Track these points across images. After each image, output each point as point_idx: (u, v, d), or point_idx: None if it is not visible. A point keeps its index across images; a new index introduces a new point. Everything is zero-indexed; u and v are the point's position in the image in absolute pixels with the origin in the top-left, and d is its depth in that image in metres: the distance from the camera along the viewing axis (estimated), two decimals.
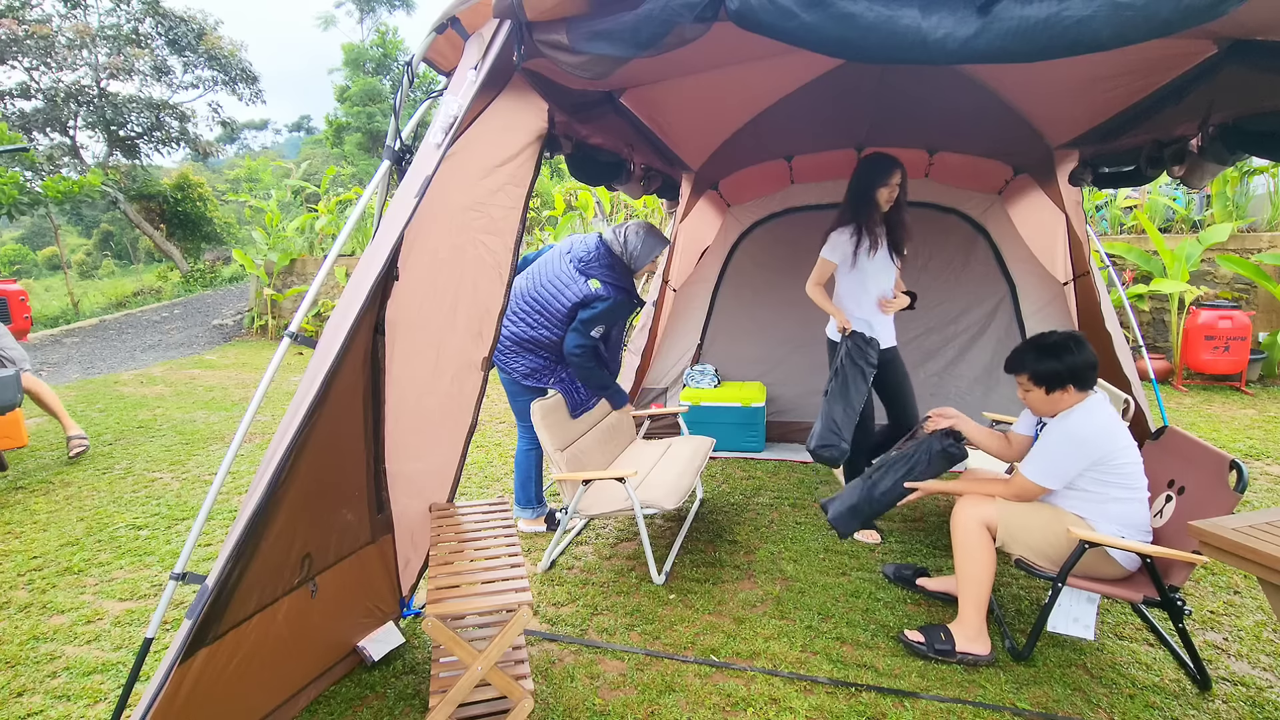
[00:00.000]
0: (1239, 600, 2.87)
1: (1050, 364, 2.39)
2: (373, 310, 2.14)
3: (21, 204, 11.57)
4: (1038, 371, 2.43)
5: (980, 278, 4.83)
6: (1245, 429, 5.31)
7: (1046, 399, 2.44)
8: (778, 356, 5.21)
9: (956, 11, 1.51)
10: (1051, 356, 2.40)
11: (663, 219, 10.07)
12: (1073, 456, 2.36)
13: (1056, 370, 2.38)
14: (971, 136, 4.07)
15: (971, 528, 2.45)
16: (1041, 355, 2.43)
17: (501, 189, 2.39)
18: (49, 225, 18.96)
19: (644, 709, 2.22)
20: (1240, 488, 2.14)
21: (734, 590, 2.99)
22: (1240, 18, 1.61)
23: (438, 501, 2.75)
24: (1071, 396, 2.40)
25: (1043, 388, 2.43)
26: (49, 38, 15.47)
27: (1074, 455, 2.36)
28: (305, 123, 36.16)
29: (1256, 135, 2.46)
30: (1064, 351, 2.39)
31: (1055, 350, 2.41)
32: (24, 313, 7.19)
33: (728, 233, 5.25)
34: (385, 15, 26.31)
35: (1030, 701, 2.24)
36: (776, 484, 4.30)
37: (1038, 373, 2.43)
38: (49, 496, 4.30)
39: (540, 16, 1.84)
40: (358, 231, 11.11)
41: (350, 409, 2.22)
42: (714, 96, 3.43)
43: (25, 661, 2.57)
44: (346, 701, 2.30)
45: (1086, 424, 2.36)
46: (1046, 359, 2.41)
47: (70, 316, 13.39)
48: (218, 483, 1.71)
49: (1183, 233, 7.91)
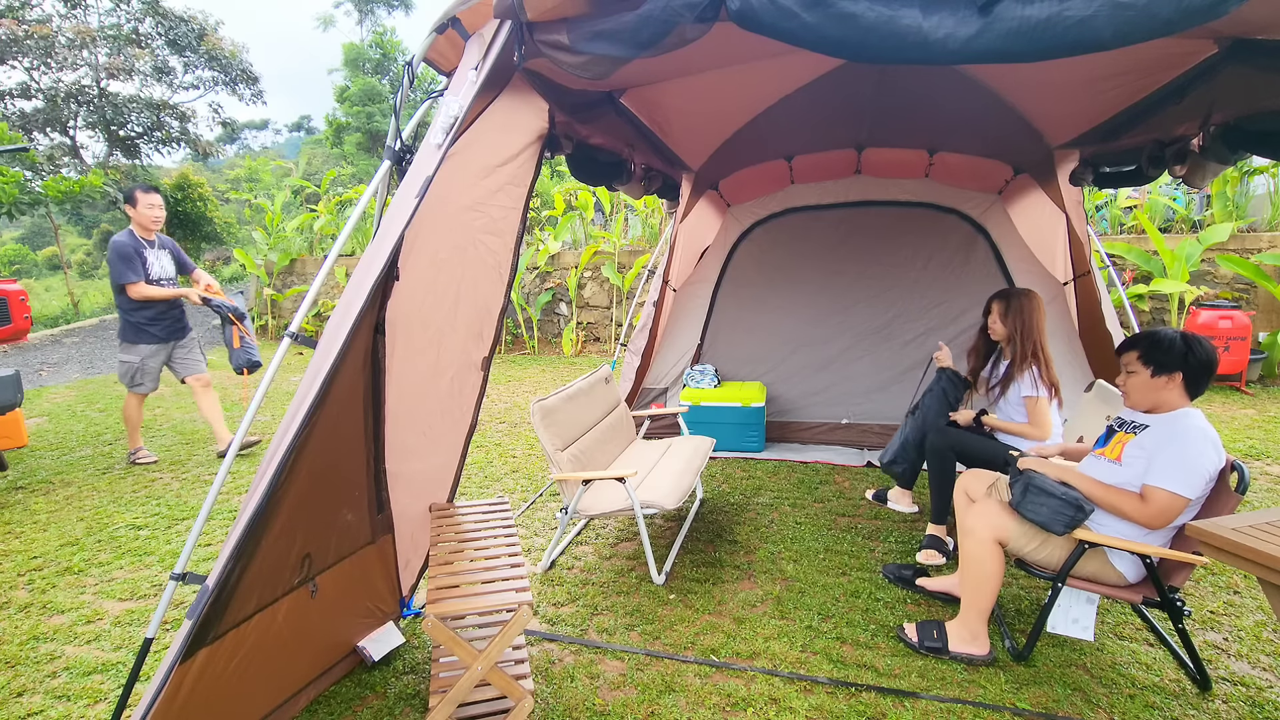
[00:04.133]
0: (1239, 600, 2.87)
1: (1167, 351, 2.27)
2: (373, 310, 2.14)
3: (22, 204, 11.57)
4: (1149, 352, 2.30)
5: (980, 278, 4.83)
6: (1245, 429, 5.31)
7: (1149, 384, 2.30)
8: (778, 356, 5.21)
9: (957, 11, 1.51)
10: (1169, 346, 2.28)
11: (663, 219, 10.08)
12: (1210, 457, 2.14)
13: (1169, 357, 2.26)
14: (971, 136, 4.07)
15: (985, 538, 2.41)
16: (1159, 342, 2.31)
17: (502, 189, 2.39)
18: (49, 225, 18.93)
19: (644, 709, 2.22)
20: (1240, 488, 2.14)
21: (734, 590, 2.99)
22: (1241, 17, 1.61)
23: (438, 501, 2.75)
24: (1177, 394, 2.28)
25: (1150, 369, 2.29)
26: (49, 38, 15.47)
27: (1212, 456, 2.15)
28: (305, 123, 36.15)
29: (1258, 134, 2.46)
30: (1185, 341, 2.28)
31: (1174, 340, 2.29)
32: (24, 313, 7.20)
33: (728, 233, 5.25)
34: (384, 16, 26.33)
35: (1030, 701, 2.24)
36: (776, 484, 4.30)
37: (1150, 354, 2.30)
38: (49, 496, 4.30)
39: (541, 17, 1.84)
40: (358, 231, 11.12)
41: (350, 409, 2.22)
42: (714, 96, 3.43)
43: (25, 661, 2.56)
44: (346, 701, 2.30)
45: (1208, 425, 2.19)
46: (1165, 347, 2.29)
47: (70, 316, 13.38)
48: (218, 483, 1.71)
49: (1183, 233, 7.91)
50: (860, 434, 4.98)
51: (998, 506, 2.50)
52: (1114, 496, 2.27)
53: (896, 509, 3.79)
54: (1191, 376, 2.27)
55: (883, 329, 5.02)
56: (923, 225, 4.91)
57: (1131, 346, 2.37)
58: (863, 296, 5.06)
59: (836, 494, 4.12)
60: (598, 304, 9.99)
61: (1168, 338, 2.30)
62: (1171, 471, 2.16)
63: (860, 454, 4.81)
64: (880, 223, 4.98)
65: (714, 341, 5.34)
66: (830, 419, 5.07)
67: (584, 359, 9.40)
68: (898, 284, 5.00)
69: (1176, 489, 2.14)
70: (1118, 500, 2.26)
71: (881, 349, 5.02)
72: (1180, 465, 2.15)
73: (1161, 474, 2.18)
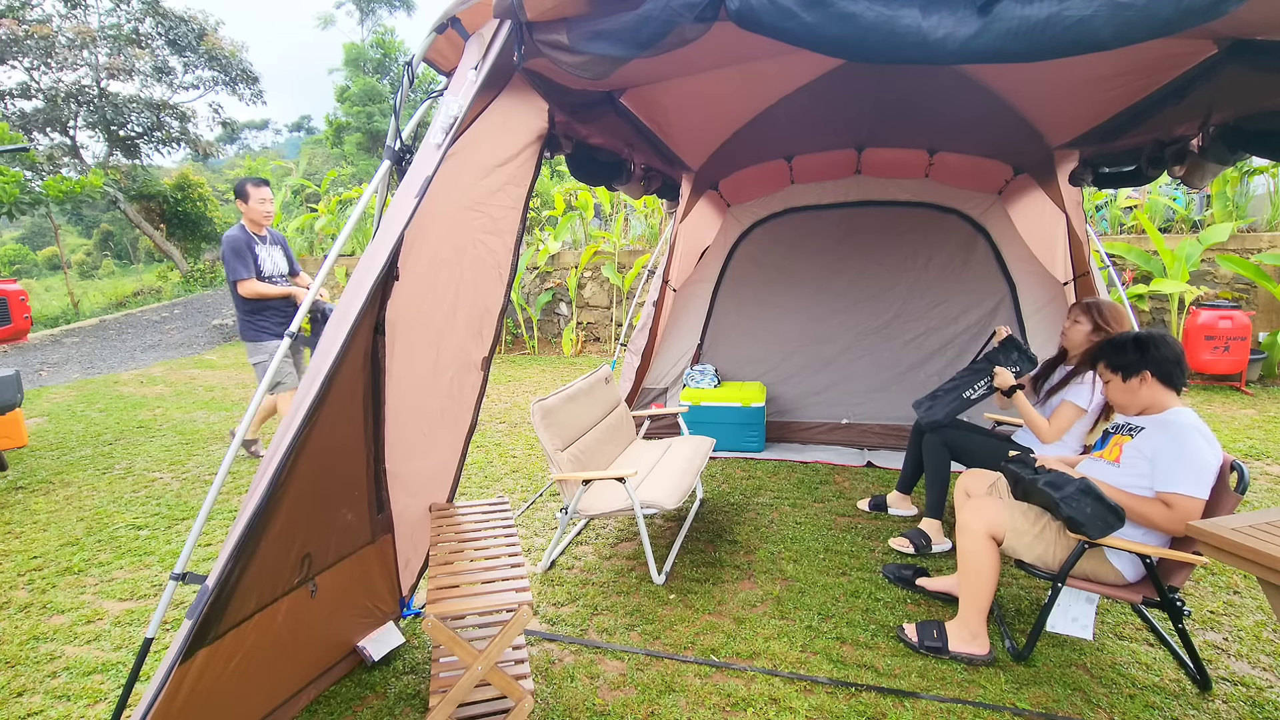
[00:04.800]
0: (1239, 600, 2.87)
1: (1124, 353, 2.35)
2: (373, 310, 2.14)
3: (22, 203, 11.57)
4: (1110, 359, 2.39)
5: (980, 278, 4.83)
6: (1245, 429, 5.31)
7: (1124, 388, 2.37)
8: (778, 356, 5.21)
9: (957, 11, 1.50)
10: (1125, 348, 2.35)
11: (663, 219, 10.08)
12: (1209, 452, 2.18)
13: (1130, 359, 2.33)
14: (971, 136, 4.07)
15: (979, 534, 2.43)
16: (1116, 346, 2.39)
17: (502, 189, 2.39)
18: (49, 225, 18.96)
19: (644, 709, 2.22)
20: (1240, 488, 2.14)
21: (734, 590, 2.99)
22: (1241, 17, 1.61)
23: (438, 501, 2.75)
24: (1158, 391, 2.32)
25: (1118, 374, 2.37)
26: (49, 38, 15.46)
27: (1210, 451, 2.18)
28: (305, 123, 36.15)
29: (1257, 135, 2.46)
30: (1138, 343, 2.34)
31: (1127, 342, 2.36)
32: (24, 313, 7.20)
33: (728, 233, 5.25)
34: (385, 16, 26.32)
35: (1030, 701, 2.24)
36: (776, 484, 4.30)
37: (1111, 360, 2.39)
38: (49, 496, 4.30)
39: (540, 16, 1.84)
40: (358, 231, 11.12)
41: (350, 409, 2.22)
42: (714, 96, 3.43)
43: (25, 661, 2.57)
44: (346, 701, 2.30)
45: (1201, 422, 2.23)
46: (1121, 349, 2.36)
47: (70, 316, 13.38)
48: (218, 483, 1.71)
49: (1183, 233, 7.91)
50: (860, 434, 4.98)
51: (994, 503, 2.51)
52: (1143, 506, 2.23)
53: (897, 514, 3.78)
54: (1162, 373, 2.30)
55: (883, 329, 5.03)
56: (923, 225, 4.91)
57: (1097, 358, 2.44)
58: (863, 296, 5.06)
59: (836, 494, 4.12)
60: (598, 304, 9.99)
61: (1120, 342, 2.36)
62: (1182, 475, 2.17)
63: (860, 454, 4.81)
64: (880, 223, 4.98)
65: (714, 341, 5.34)
66: (830, 419, 5.07)
67: (584, 359, 9.39)
68: (898, 284, 5.00)
69: (1192, 491, 2.15)
70: (1146, 509, 2.22)
71: (882, 349, 5.02)
72: (1190, 468, 2.16)
73: (1174, 479, 2.18)
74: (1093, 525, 2.20)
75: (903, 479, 3.79)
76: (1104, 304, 3.17)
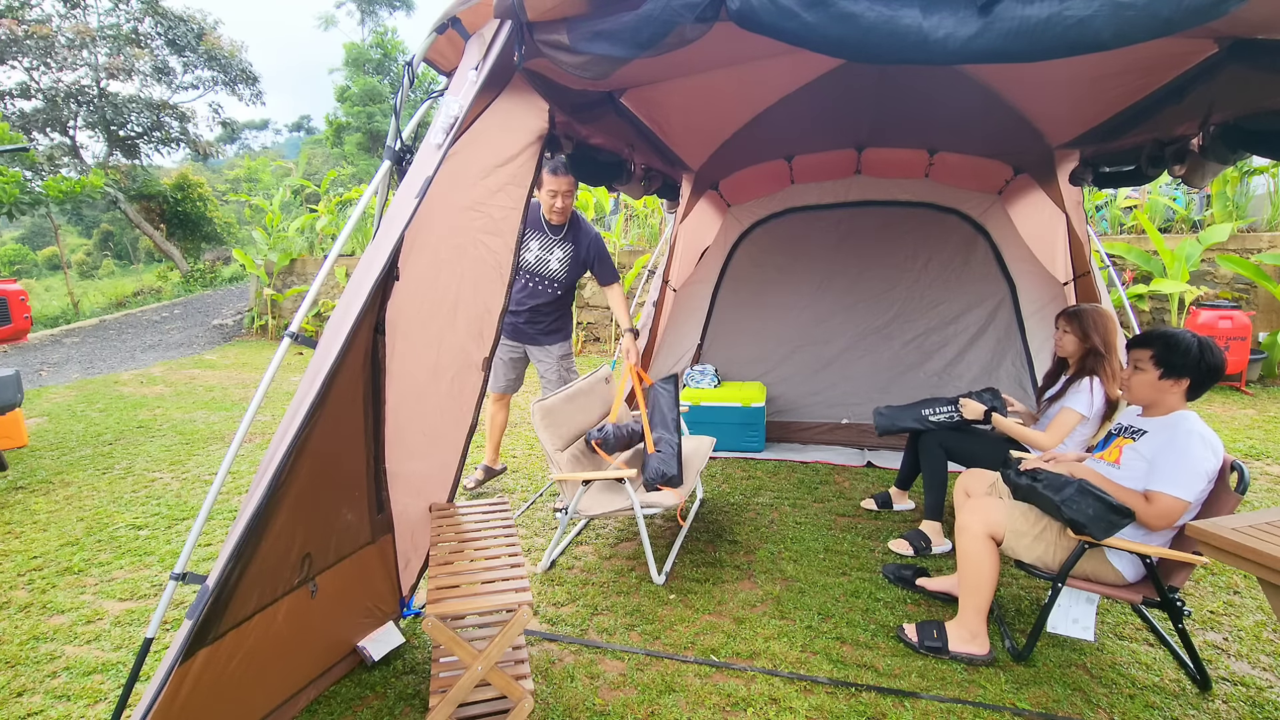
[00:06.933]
0: (1239, 600, 2.87)
1: (1182, 355, 2.27)
2: (373, 310, 2.14)
3: (22, 203, 11.58)
4: (1164, 354, 2.29)
5: (980, 278, 4.83)
6: (1245, 429, 5.31)
7: (1154, 384, 2.31)
8: (778, 356, 5.21)
9: (957, 11, 1.50)
10: (1185, 351, 2.27)
11: (663, 219, 10.08)
12: (1208, 459, 2.16)
13: (1184, 362, 2.26)
14: (971, 136, 4.07)
15: (978, 534, 2.43)
16: (1172, 345, 2.30)
17: (502, 189, 2.39)
18: (49, 225, 18.95)
19: (644, 709, 2.22)
20: (1240, 488, 2.14)
21: (734, 590, 2.99)
22: (1241, 17, 1.61)
23: (438, 501, 2.75)
24: (1178, 396, 2.30)
25: (1160, 370, 2.29)
26: (49, 38, 15.47)
27: (1210, 458, 2.16)
28: (305, 123, 36.20)
29: (1258, 134, 2.46)
30: (1200, 348, 2.27)
31: (1190, 346, 2.27)
32: (24, 313, 7.20)
33: (728, 233, 5.25)
34: (385, 16, 26.33)
35: (1030, 701, 2.23)
36: (776, 484, 4.30)
37: (1164, 356, 2.29)
38: (49, 496, 4.30)
39: (541, 17, 1.84)
40: (358, 231, 11.11)
41: (350, 409, 2.22)
42: (714, 96, 3.43)
43: (25, 661, 2.56)
44: (346, 701, 2.30)
45: (1205, 428, 2.20)
46: (1180, 350, 2.28)
47: (70, 316, 13.39)
48: (218, 483, 1.71)
49: (1183, 233, 7.91)
50: (860, 434, 4.98)
51: (994, 503, 2.50)
52: (1124, 496, 2.26)
53: (899, 508, 3.82)
54: (1199, 382, 2.28)
55: (883, 329, 5.02)
56: (923, 225, 4.91)
57: (1145, 344, 2.35)
58: (863, 296, 5.06)
59: (836, 494, 4.12)
60: (598, 304, 9.98)
61: (1185, 342, 2.28)
62: (1172, 476, 2.18)
63: (860, 454, 4.81)
64: (880, 223, 4.98)
65: (714, 341, 5.34)
66: (830, 419, 5.07)
67: (584, 359, 9.39)
68: (898, 284, 4.99)
69: (1178, 493, 2.16)
70: (1127, 500, 2.25)
71: (882, 349, 5.02)
72: (1181, 470, 2.17)
73: (1163, 478, 2.20)
74: (1095, 526, 2.20)
75: (900, 478, 3.83)
76: (1086, 310, 3.16)
